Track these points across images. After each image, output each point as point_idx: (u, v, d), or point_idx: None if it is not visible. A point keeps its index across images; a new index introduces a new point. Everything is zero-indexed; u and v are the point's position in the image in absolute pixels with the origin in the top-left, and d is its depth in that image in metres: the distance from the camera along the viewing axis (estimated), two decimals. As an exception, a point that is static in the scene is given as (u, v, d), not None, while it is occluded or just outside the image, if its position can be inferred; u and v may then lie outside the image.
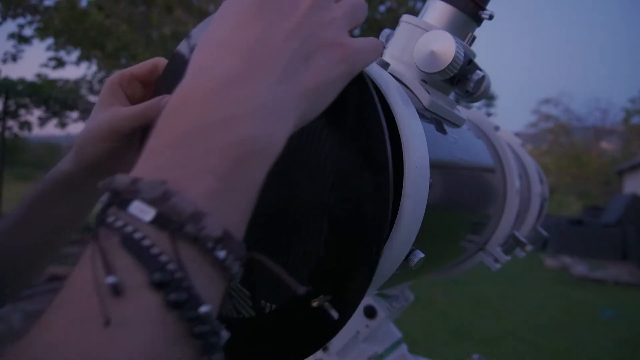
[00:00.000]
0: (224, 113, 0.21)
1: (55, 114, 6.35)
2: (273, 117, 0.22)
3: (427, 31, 0.38)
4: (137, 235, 0.18)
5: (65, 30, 6.65)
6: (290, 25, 0.24)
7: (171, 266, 0.18)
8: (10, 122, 5.55)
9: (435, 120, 0.38)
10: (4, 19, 6.29)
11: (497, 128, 0.57)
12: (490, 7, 0.42)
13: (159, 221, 0.19)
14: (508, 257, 0.53)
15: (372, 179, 0.27)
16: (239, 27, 0.24)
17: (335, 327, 0.28)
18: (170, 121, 0.22)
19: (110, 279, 0.17)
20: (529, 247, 0.60)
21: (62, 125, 6.57)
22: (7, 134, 5.50)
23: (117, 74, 0.43)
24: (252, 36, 0.24)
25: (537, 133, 20.90)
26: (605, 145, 20.81)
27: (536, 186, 0.64)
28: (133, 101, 0.42)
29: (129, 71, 0.42)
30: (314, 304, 0.28)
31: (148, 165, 0.21)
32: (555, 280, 5.62)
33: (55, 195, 0.42)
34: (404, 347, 0.55)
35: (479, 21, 0.42)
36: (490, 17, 0.41)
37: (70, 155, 0.42)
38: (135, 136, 0.41)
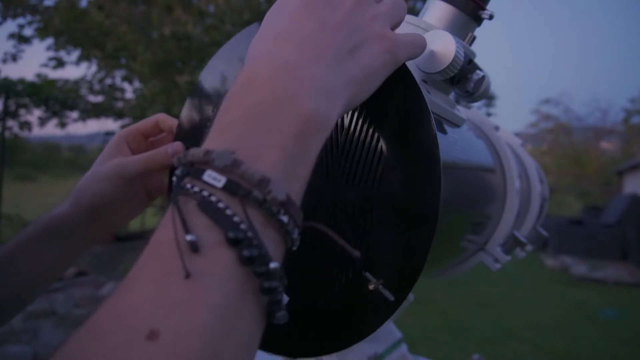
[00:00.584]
0: (287, 91, 0.24)
1: (55, 114, 6.34)
2: (328, 96, 0.25)
3: (427, 31, 0.38)
4: (212, 198, 0.20)
5: (65, 30, 6.64)
6: (338, 19, 0.27)
7: (243, 226, 0.20)
8: (10, 122, 5.55)
9: (436, 120, 0.38)
10: (4, 19, 6.29)
11: (497, 128, 0.57)
12: (490, 7, 0.42)
13: (229, 187, 0.21)
14: (508, 257, 0.53)
15: (425, 169, 0.30)
16: (294, 20, 0.27)
17: (391, 309, 0.31)
18: (237, 100, 0.24)
19: (190, 237, 0.19)
20: (529, 247, 0.60)
21: (62, 125, 6.56)
22: (7, 134, 5.49)
23: (123, 131, 0.46)
24: (307, 28, 0.27)
25: (537, 133, 20.89)
26: (605, 145, 20.80)
27: (536, 186, 0.64)
28: (136, 154, 0.45)
29: (134, 127, 0.46)
30: (370, 287, 0.31)
31: (219, 139, 0.23)
32: (555, 280, 5.62)
33: (46, 240, 0.42)
34: (404, 347, 0.55)
35: (479, 21, 0.42)
36: (491, 17, 0.41)
37: (67, 201, 0.43)
38: (137, 184, 0.44)
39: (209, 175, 0.21)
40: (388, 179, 0.32)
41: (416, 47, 0.31)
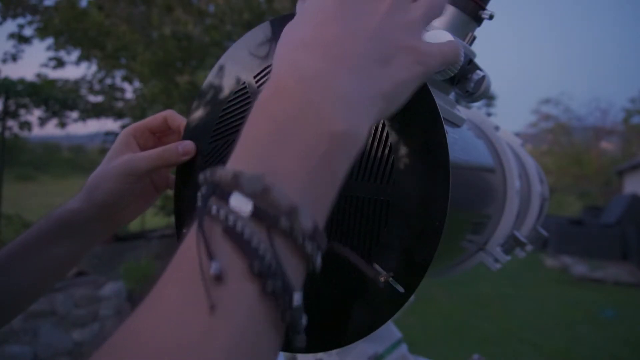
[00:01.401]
0: (315, 106, 0.23)
1: (55, 114, 6.33)
2: (358, 112, 0.23)
3: (427, 31, 0.38)
4: (239, 225, 0.20)
5: (65, 30, 6.64)
6: (370, 26, 0.25)
7: (268, 257, 0.19)
8: (10, 122, 5.54)
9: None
10: (4, 19, 6.29)
11: (497, 128, 0.57)
12: (490, 7, 0.42)
13: (257, 214, 0.20)
14: (508, 257, 0.53)
15: (433, 168, 0.31)
16: (323, 26, 0.25)
17: (401, 301, 0.31)
18: (265, 112, 0.23)
19: (214, 267, 0.19)
20: (529, 247, 0.60)
21: (62, 125, 6.56)
22: (7, 134, 5.49)
23: (131, 127, 0.46)
24: (336, 36, 0.25)
25: (537, 133, 20.89)
26: (605, 145, 20.80)
27: (536, 186, 0.64)
28: (145, 150, 0.45)
29: (142, 124, 0.46)
30: (381, 279, 0.31)
31: (247, 154, 0.22)
32: (555, 280, 5.62)
33: (58, 235, 0.43)
34: (404, 347, 0.55)
35: (479, 21, 0.42)
36: (491, 17, 0.41)
37: (79, 196, 0.44)
38: (146, 179, 0.44)
39: (237, 199, 0.20)
40: (397, 176, 0.32)
41: (447, 57, 0.30)
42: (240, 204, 0.20)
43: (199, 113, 0.43)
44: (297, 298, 0.20)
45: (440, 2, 0.29)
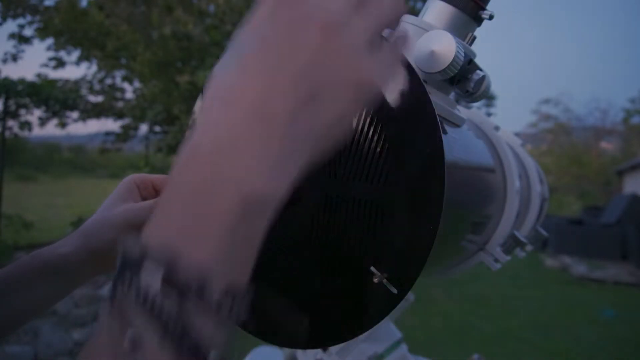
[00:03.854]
0: (228, 170, 0.22)
1: (55, 114, 6.34)
2: (278, 170, 0.22)
3: (428, 31, 0.38)
4: (150, 295, 0.20)
5: (65, 30, 6.64)
6: (296, 68, 0.23)
7: (182, 322, 0.20)
8: (10, 122, 5.54)
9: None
10: (4, 19, 6.29)
11: (497, 128, 0.57)
12: (490, 7, 0.42)
13: (166, 284, 0.20)
14: (508, 257, 0.53)
15: (429, 168, 0.31)
16: (241, 76, 0.23)
17: (394, 302, 0.32)
18: (178, 178, 0.23)
19: (130, 334, 0.20)
20: (529, 247, 0.60)
21: (62, 125, 6.57)
22: (7, 134, 5.49)
23: (136, 176, 0.46)
24: (259, 84, 0.23)
25: (537, 133, 20.89)
26: (605, 145, 20.80)
27: (536, 186, 0.64)
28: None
29: (148, 177, 0.46)
30: (375, 280, 0.32)
31: (157, 227, 0.22)
32: (555, 280, 5.62)
33: (43, 277, 0.41)
34: (404, 347, 0.55)
35: (479, 21, 0.42)
36: (491, 17, 0.41)
37: (71, 240, 0.42)
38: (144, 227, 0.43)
39: (147, 273, 0.21)
40: (392, 177, 0.32)
41: (393, 68, 0.27)
42: (151, 277, 0.21)
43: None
44: (214, 356, 0.21)
45: (393, 5, 0.26)
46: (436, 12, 0.41)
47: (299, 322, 0.35)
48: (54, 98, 5.83)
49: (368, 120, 0.33)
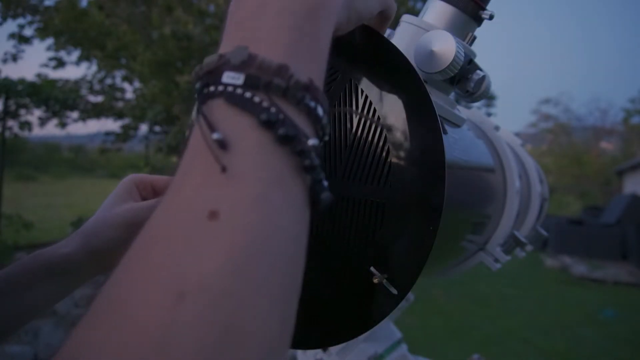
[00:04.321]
0: None
1: (55, 114, 6.34)
2: None
3: (428, 31, 0.38)
4: (238, 91, 0.20)
5: (65, 30, 6.64)
6: None
7: (274, 109, 0.20)
8: (10, 122, 5.55)
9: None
10: (4, 19, 6.29)
11: (497, 128, 0.57)
12: (490, 7, 0.42)
13: (250, 81, 0.20)
14: (508, 257, 0.53)
15: (430, 168, 0.31)
16: None
17: (394, 302, 0.32)
18: None
19: (217, 134, 0.19)
20: (529, 247, 0.60)
21: (62, 125, 6.56)
22: (7, 134, 5.49)
23: (136, 176, 0.45)
24: None
25: (537, 133, 20.89)
26: (605, 145, 20.80)
27: (536, 186, 0.64)
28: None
29: (148, 177, 0.45)
30: (375, 280, 0.32)
31: (231, 37, 0.22)
32: (555, 280, 5.62)
33: (44, 278, 0.41)
34: (404, 347, 0.55)
35: (479, 21, 0.42)
36: (491, 17, 0.41)
37: (72, 240, 0.42)
38: None
39: (228, 76, 0.20)
40: (393, 178, 0.32)
41: None
42: (232, 78, 0.20)
43: None
44: (313, 142, 0.20)
45: None
46: (436, 12, 0.41)
47: (299, 322, 0.34)
48: (54, 98, 5.84)
49: (369, 120, 0.33)
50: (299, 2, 0.23)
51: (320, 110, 0.21)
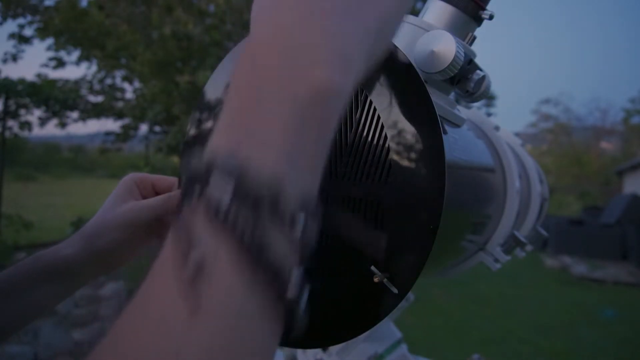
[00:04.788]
0: (291, 60, 0.20)
1: (55, 114, 6.34)
2: (342, 57, 0.21)
3: (428, 31, 0.38)
4: (221, 207, 0.19)
5: (65, 30, 6.65)
6: None
7: (257, 235, 0.18)
8: (10, 122, 5.55)
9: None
10: (4, 19, 6.29)
11: (497, 128, 0.57)
12: (490, 7, 0.42)
13: (238, 195, 0.19)
14: (508, 257, 0.53)
15: (430, 168, 0.31)
16: None
17: (395, 301, 0.32)
18: (240, 78, 0.21)
19: (195, 254, 0.18)
20: (529, 247, 0.60)
21: (62, 125, 6.56)
22: (7, 134, 5.49)
23: (136, 175, 0.45)
24: None
25: (537, 133, 20.90)
26: (605, 145, 20.81)
27: (536, 186, 0.64)
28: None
29: (148, 177, 0.45)
30: (375, 279, 0.32)
31: (222, 134, 0.21)
32: (555, 280, 5.62)
33: (46, 279, 0.41)
34: (404, 347, 0.55)
35: (479, 21, 0.42)
36: (491, 17, 0.41)
37: (74, 241, 0.42)
38: (148, 229, 0.43)
39: (216, 185, 0.19)
40: (392, 177, 0.32)
41: None
42: (220, 189, 0.19)
43: (203, 116, 0.43)
44: (296, 274, 0.19)
45: None
46: (436, 12, 0.41)
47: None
48: (54, 98, 5.84)
49: (369, 120, 0.33)
50: (302, 98, 0.20)
51: (309, 227, 0.20)
